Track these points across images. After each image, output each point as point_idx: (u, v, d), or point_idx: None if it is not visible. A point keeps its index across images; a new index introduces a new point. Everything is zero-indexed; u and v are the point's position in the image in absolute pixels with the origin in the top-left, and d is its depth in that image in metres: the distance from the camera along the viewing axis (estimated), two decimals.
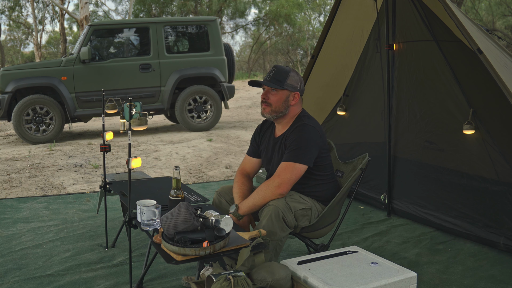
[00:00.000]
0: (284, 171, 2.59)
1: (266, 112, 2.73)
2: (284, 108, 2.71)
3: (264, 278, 2.13)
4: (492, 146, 3.19)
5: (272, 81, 2.68)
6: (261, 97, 2.73)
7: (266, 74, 2.72)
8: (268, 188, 2.59)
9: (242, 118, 11.36)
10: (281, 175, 2.59)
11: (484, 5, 28.99)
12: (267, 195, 2.58)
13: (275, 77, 2.68)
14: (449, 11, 2.84)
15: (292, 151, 2.62)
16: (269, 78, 2.69)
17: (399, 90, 3.87)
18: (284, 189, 2.58)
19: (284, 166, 2.61)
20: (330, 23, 4.06)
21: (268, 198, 2.58)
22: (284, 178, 2.57)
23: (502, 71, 2.65)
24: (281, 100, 2.70)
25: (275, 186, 2.57)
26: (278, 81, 2.67)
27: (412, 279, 2.17)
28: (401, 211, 3.92)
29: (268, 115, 2.74)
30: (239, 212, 2.63)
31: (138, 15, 27.26)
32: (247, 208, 2.63)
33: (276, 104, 2.70)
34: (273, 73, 2.70)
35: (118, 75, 8.57)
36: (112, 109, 3.24)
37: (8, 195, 4.98)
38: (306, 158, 2.61)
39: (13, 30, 36.67)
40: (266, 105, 2.71)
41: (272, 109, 2.71)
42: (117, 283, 2.79)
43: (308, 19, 33.06)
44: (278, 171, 2.62)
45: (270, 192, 2.58)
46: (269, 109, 2.71)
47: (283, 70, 2.71)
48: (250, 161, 2.97)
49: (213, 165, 6.31)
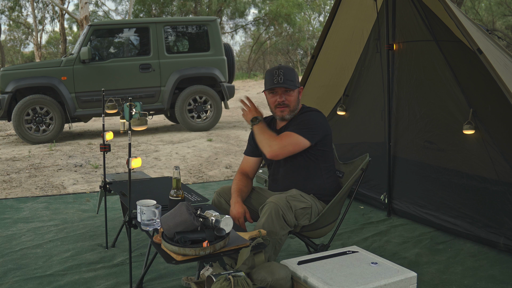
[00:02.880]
0: (285, 137, 2.66)
1: (286, 114, 2.78)
2: (297, 105, 2.81)
3: (264, 278, 2.13)
4: (492, 146, 3.19)
5: (286, 82, 2.71)
6: (278, 100, 2.75)
7: (274, 77, 2.71)
8: (270, 141, 2.65)
9: (242, 118, 11.35)
10: (282, 138, 2.66)
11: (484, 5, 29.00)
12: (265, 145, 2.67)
13: (287, 78, 2.71)
14: (449, 11, 2.85)
15: (297, 125, 2.69)
16: (282, 81, 2.70)
17: (399, 90, 3.87)
18: (277, 154, 2.65)
19: (286, 133, 2.68)
20: (330, 23, 4.06)
21: (266, 146, 2.66)
22: (284, 147, 2.64)
23: (502, 71, 2.65)
24: (296, 98, 2.78)
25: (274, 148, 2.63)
26: (292, 82, 2.72)
27: (412, 279, 2.17)
28: (401, 211, 3.92)
29: (288, 116, 2.79)
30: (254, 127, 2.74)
31: (138, 15, 27.26)
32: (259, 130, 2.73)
33: (293, 103, 2.77)
34: (283, 74, 2.71)
35: (118, 75, 8.56)
36: (112, 109, 3.25)
37: (8, 195, 4.98)
38: (310, 135, 2.66)
39: (13, 30, 36.71)
40: (284, 107, 2.75)
41: (291, 109, 2.77)
42: (117, 283, 2.79)
43: (308, 19, 33.08)
44: (280, 135, 2.68)
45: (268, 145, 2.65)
46: (288, 110, 2.77)
47: (290, 70, 2.76)
48: (249, 161, 2.98)
49: (213, 165, 6.31)
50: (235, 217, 2.64)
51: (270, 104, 2.81)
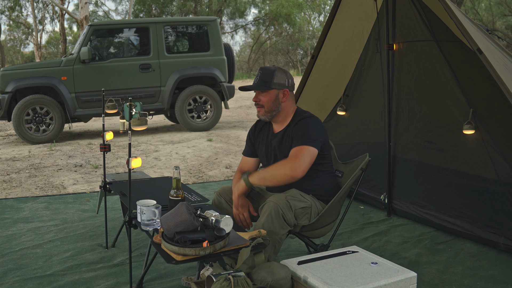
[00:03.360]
0: (301, 152, 2.59)
1: (261, 114, 2.81)
2: (276, 106, 2.78)
3: (264, 278, 2.13)
4: (492, 146, 3.19)
5: (259, 83, 2.76)
6: (252, 100, 2.82)
7: (254, 78, 2.80)
8: (283, 168, 2.58)
9: (242, 118, 11.36)
10: (298, 155, 2.58)
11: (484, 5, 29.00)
12: (278, 174, 2.59)
13: (262, 79, 2.76)
14: (449, 11, 2.85)
15: (302, 136, 2.66)
16: (257, 82, 2.77)
17: (399, 90, 3.87)
18: (299, 173, 2.55)
19: (298, 149, 2.62)
20: (330, 23, 4.06)
21: (279, 177, 2.59)
22: (301, 160, 2.56)
23: (502, 71, 2.66)
24: (271, 99, 2.77)
25: (290, 167, 2.55)
26: (265, 83, 2.75)
27: (412, 279, 2.17)
28: (401, 211, 3.92)
29: (263, 117, 2.82)
30: (249, 179, 2.65)
31: (138, 15, 27.26)
32: (257, 180, 2.65)
33: (267, 104, 2.77)
34: (260, 75, 2.78)
35: (118, 75, 8.56)
36: (112, 109, 3.25)
37: (8, 195, 4.98)
38: (316, 143, 2.66)
39: (13, 30, 36.72)
40: (260, 107, 2.80)
41: (266, 110, 2.79)
42: (117, 283, 2.79)
43: (308, 19, 33.08)
44: (293, 153, 2.61)
45: (283, 172, 2.57)
46: (263, 110, 2.79)
47: (268, 71, 2.79)
48: (247, 161, 3.00)
49: (213, 165, 6.31)
50: (239, 211, 2.67)
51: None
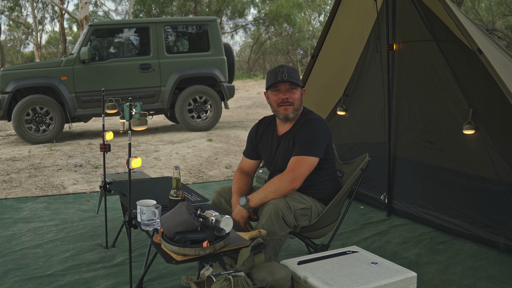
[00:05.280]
0: (298, 165, 2.60)
1: (290, 112, 2.72)
2: (301, 104, 2.78)
3: (264, 278, 2.13)
4: (492, 146, 3.19)
5: (290, 79, 2.68)
6: (282, 98, 2.70)
7: (278, 74, 2.69)
8: (282, 182, 2.59)
9: (242, 118, 11.36)
10: (295, 169, 2.60)
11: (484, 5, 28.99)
12: (279, 189, 2.58)
13: (291, 76, 2.69)
14: (449, 11, 2.84)
15: (304, 144, 2.64)
16: (286, 77, 2.68)
17: (399, 90, 3.87)
18: (298, 184, 2.59)
19: (296, 160, 2.62)
20: (330, 23, 4.06)
21: (281, 192, 2.58)
22: (298, 173, 2.59)
23: (502, 71, 2.65)
24: (299, 97, 2.75)
25: (289, 180, 2.57)
26: (295, 79, 2.71)
27: (412, 279, 2.17)
28: (401, 211, 3.92)
29: (292, 114, 2.74)
30: (250, 205, 2.62)
31: (138, 15, 27.25)
32: (258, 201, 2.63)
33: (297, 102, 2.73)
34: (287, 72, 2.69)
35: (118, 75, 8.56)
36: (112, 109, 3.25)
37: (8, 195, 4.98)
38: (318, 151, 2.64)
39: (13, 30, 36.70)
40: (289, 105, 2.71)
41: (295, 108, 2.73)
42: (117, 283, 2.79)
43: (308, 19, 33.06)
44: (291, 165, 2.62)
45: (283, 186, 2.58)
46: (292, 108, 2.72)
47: (293, 69, 2.74)
48: (248, 162, 2.99)
49: (213, 165, 6.31)
50: (237, 220, 2.64)
51: (273, 103, 2.76)
